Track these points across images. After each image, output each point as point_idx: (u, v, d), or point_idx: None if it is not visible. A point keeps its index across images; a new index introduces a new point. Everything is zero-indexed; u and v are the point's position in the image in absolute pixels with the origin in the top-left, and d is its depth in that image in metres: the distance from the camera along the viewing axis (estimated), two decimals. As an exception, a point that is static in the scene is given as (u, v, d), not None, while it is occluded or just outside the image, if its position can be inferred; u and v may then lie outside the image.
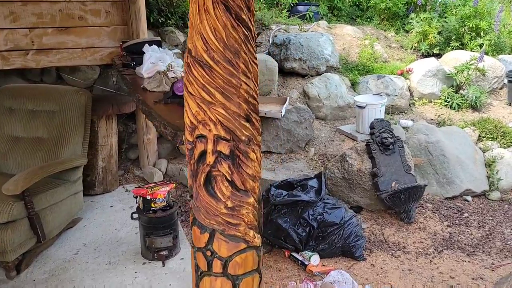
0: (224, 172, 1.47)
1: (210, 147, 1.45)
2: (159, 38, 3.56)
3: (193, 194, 1.56)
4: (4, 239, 2.50)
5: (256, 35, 4.15)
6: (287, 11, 6.18)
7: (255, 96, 1.49)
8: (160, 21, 4.29)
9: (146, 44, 2.97)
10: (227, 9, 1.35)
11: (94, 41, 3.80)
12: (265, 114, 3.78)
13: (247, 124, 1.46)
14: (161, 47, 3.17)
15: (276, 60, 4.46)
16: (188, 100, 1.46)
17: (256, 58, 1.48)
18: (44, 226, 2.76)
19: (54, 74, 4.04)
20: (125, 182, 3.93)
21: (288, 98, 4.02)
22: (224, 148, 1.45)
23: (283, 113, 3.77)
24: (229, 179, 1.48)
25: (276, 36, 4.86)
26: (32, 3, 3.57)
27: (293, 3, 6.26)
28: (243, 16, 1.37)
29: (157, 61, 2.79)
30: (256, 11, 5.81)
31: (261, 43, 4.89)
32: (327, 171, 3.67)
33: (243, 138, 1.46)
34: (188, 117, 1.47)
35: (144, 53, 2.93)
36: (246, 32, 1.40)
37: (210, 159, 1.46)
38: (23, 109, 3.16)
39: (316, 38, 4.51)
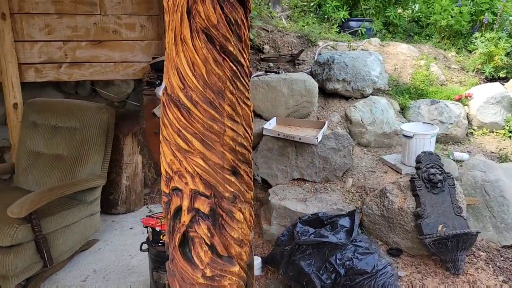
0: (202, 234, 1.21)
1: (186, 203, 1.20)
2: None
3: (169, 255, 1.31)
4: (6, 263, 2.38)
5: (298, 53, 3.83)
6: (337, 27, 5.85)
7: (246, 144, 1.22)
8: (197, 35, 4.13)
9: (170, 63, 2.78)
10: (209, 40, 1.09)
11: (127, 55, 3.69)
12: (300, 139, 3.49)
13: (233, 178, 1.20)
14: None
15: (318, 80, 4.15)
16: (163, 146, 1.22)
17: (248, 98, 1.21)
18: (52, 250, 2.63)
19: (88, 88, 3.99)
20: (150, 201, 3.78)
21: (326, 122, 3.70)
22: (202, 205, 1.19)
23: (319, 139, 3.46)
24: (208, 243, 1.21)
25: (320, 54, 4.56)
26: (67, 16, 3.53)
27: (344, 18, 5.93)
28: (230, 48, 1.11)
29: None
30: (303, 26, 5.55)
31: (304, 61, 4.60)
32: (364, 206, 3.31)
33: (227, 194, 1.20)
34: (163, 165, 1.23)
35: (167, 72, 2.75)
36: (234, 67, 1.14)
37: (185, 218, 1.21)
38: (46, 125, 3.08)
39: (363, 57, 4.16)
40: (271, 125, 3.70)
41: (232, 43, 1.11)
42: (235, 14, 1.12)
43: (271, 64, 4.60)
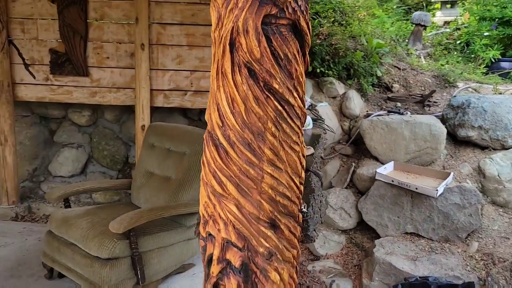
0: (232, 290, 1.08)
1: (216, 252, 1.09)
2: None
3: (202, 305, 1.20)
4: (102, 275, 2.52)
5: (429, 93, 3.52)
6: (485, 67, 5.22)
7: (290, 194, 1.07)
8: (319, 70, 4.04)
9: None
10: (252, 75, 0.99)
11: (246, 87, 3.77)
12: (416, 189, 3.11)
13: (269, 232, 1.05)
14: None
15: (449, 125, 3.70)
16: (201, 185, 1.13)
17: (297, 143, 1.06)
18: (146, 269, 2.72)
19: (210, 115, 4.17)
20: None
21: (452, 173, 3.25)
22: (234, 257, 1.07)
23: (439, 192, 3.04)
24: (237, 301, 1.07)
25: (455, 96, 4.08)
26: (197, 48, 3.76)
27: (495, 58, 5.27)
28: (275, 86, 0.99)
29: (280, 117, 2.52)
30: (442, 65, 5.08)
31: (436, 103, 4.16)
32: (489, 278, 2.77)
33: (261, 250, 1.06)
34: (200, 206, 1.14)
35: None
36: (280, 107, 1.02)
37: (214, 268, 1.10)
38: (162, 147, 3.27)
39: (508, 103, 3.58)
40: (386, 170, 3.39)
41: (278, 80, 0.99)
42: (285, 47, 0.99)
43: (398, 104, 4.27)
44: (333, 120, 3.93)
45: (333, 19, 4.77)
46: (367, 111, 4.08)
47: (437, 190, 3.03)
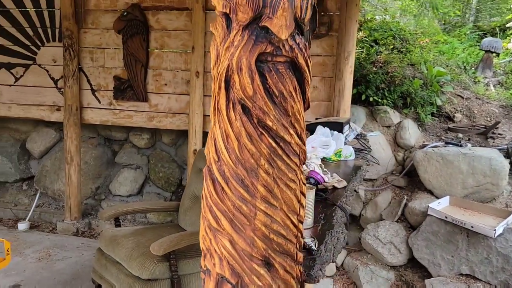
0: (225, 328, 1.07)
1: (211, 287, 1.09)
2: (343, 120, 3.21)
3: None
4: (142, 295, 2.59)
5: (493, 125, 3.35)
6: None
7: (285, 233, 1.05)
8: (373, 99, 3.94)
9: (319, 125, 2.71)
10: (245, 112, 1.00)
11: (296, 114, 3.76)
12: (472, 227, 2.90)
13: (262, 271, 1.04)
14: (341, 131, 2.84)
15: (514, 159, 3.43)
16: (201, 217, 1.15)
17: (294, 181, 1.05)
18: (184, 292, 2.76)
19: (261, 141, 4.20)
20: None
21: (514, 212, 2.99)
22: (228, 294, 1.06)
23: (497, 232, 2.81)
24: None
25: (522, 128, 3.79)
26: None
27: None
28: (269, 123, 1.00)
29: (320, 146, 2.49)
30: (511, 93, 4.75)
31: (502, 135, 3.88)
32: (554, 333, 2.49)
33: (253, 288, 1.04)
34: (200, 238, 1.16)
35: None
36: (275, 144, 1.02)
37: (209, 303, 1.09)
38: (208, 172, 3.33)
39: None
40: (440, 205, 3.19)
41: (272, 117, 0.99)
42: (281, 85, 0.99)
43: (459, 135, 4.03)
44: (386, 150, 3.79)
45: (392, 46, 4.66)
46: (423, 142, 3.90)
47: (495, 230, 2.80)
